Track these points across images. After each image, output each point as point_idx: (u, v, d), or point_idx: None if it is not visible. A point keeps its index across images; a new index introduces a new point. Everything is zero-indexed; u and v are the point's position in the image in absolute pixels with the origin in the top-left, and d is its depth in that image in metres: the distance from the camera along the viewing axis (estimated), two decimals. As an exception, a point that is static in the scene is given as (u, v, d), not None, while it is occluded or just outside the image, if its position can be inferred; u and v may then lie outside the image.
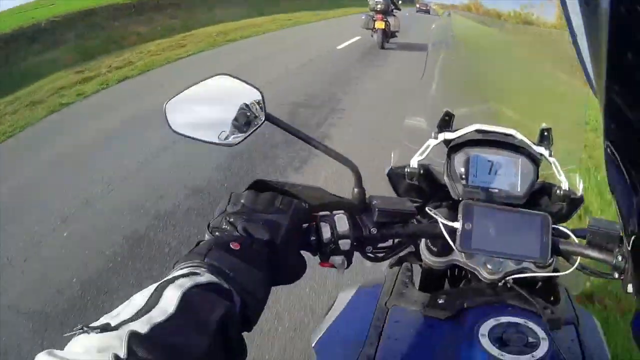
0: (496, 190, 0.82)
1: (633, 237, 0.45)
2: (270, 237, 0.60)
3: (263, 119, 0.69)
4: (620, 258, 0.73)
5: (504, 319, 0.67)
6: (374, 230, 0.71)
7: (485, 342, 0.63)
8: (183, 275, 0.49)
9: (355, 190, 0.72)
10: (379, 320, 0.76)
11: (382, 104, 5.34)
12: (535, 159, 0.83)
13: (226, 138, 0.71)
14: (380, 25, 9.63)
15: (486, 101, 0.97)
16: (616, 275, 0.75)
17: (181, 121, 0.74)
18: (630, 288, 0.73)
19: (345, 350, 0.75)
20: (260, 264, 0.57)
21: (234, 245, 0.56)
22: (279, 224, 0.62)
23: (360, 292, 0.86)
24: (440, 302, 0.74)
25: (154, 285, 0.47)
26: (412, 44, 10.10)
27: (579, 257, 0.77)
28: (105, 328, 0.39)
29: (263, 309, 0.57)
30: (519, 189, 0.82)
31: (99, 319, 0.42)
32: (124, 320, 0.41)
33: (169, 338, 0.41)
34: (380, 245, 0.75)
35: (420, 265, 0.86)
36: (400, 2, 11.73)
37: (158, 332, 0.40)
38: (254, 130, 0.70)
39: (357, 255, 0.75)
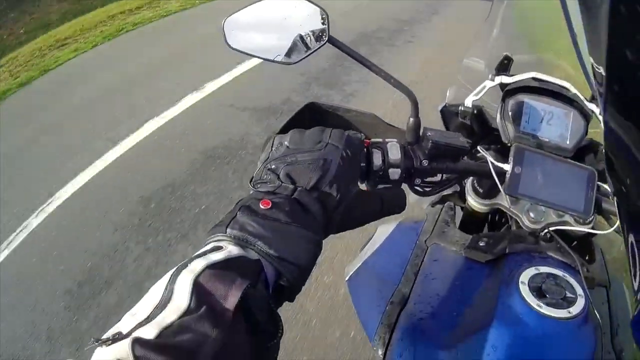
0: (546, 140, 0.81)
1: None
2: (317, 180, 0.52)
3: (325, 40, 0.69)
4: None
5: (544, 269, 0.67)
6: (425, 162, 0.70)
7: (525, 290, 0.63)
8: (198, 256, 0.43)
9: (411, 120, 0.71)
10: (418, 258, 0.76)
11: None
12: (586, 115, 0.82)
13: (286, 56, 0.71)
14: None
15: (549, 51, 0.95)
16: None
17: (240, 38, 0.74)
18: None
19: (380, 286, 0.75)
20: (301, 220, 0.49)
21: (264, 204, 0.48)
22: (329, 161, 0.54)
23: (401, 227, 0.86)
24: (481, 244, 0.75)
25: (169, 273, 0.41)
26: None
27: (618, 219, 0.77)
28: (116, 338, 0.36)
29: (310, 272, 0.49)
30: (568, 142, 0.81)
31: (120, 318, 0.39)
32: (136, 325, 0.37)
33: (179, 339, 0.36)
34: (428, 179, 0.75)
35: (462, 208, 0.86)
36: None
37: (168, 334, 0.37)
38: (315, 50, 0.69)
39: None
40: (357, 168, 0.61)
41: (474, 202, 0.81)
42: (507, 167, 0.71)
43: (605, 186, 0.79)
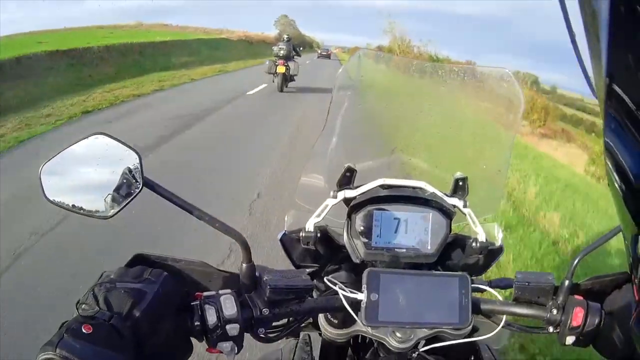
0: (403, 250, 0.75)
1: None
2: (131, 307, 0.56)
3: (140, 186, 0.63)
4: (555, 311, 0.71)
5: None
6: (265, 311, 0.64)
7: None
8: None
9: (244, 265, 0.65)
10: None
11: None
12: (447, 212, 0.78)
13: (104, 206, 0.65)
14: (281, 69, 10.88)
15: (396, 152, 0.91)
16: (551, 330, 0.72)
17: (58, 186, 0.67)
18: (569, 340, 0.70)
19: None
20: (116, 346, 0.53)
21: (86, 328, 0.53)
22: (143, 293, 0.58)
23: None
24: None
25: None
26: (311, 87, 12.17)
27: (504, 316, 0.72)
28: None
29: None
30: (429, 246, 0.76)
31: None
32: None
33: None
34: (274, 324, 0.68)
35: (320, 334, 0.78)
36: (301, 49, 13.96)
37: None
38: (131, 200, 0.63)
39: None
40: (172, 306, 0.62)
41: (330, 334, 0.74)
42: (361, 295, 0.66)
43: (484, 286, 0.76)
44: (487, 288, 0.75)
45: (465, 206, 0.78)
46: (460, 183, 0.79)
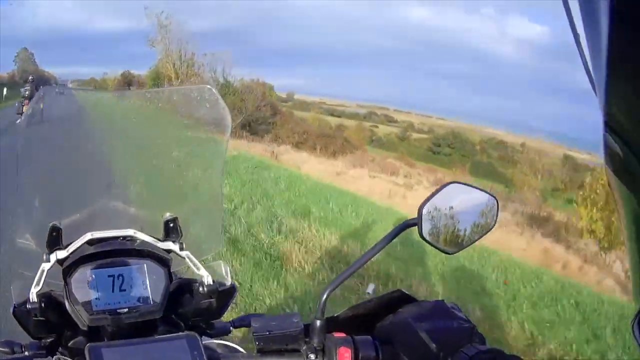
0: (125, 310, 0.69)
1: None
2: None
3: None
4: (312, 357, 0.67)
5: None
6: None
7: None
8: None
9: None
10: None
11: None
12: (163, 259, 0.73)
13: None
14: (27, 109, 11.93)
15: (102, 198, 0.81)
16: None
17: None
18: None
19: None
20: None
21: None
22: None
23: None
24: None
25: None
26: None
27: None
28: None
29: None
30: (151, 301, 0.70)
31: None
32: None
33: None
34: None
35: None
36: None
37: None
38: None
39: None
40: None
41: None
42: None
43: (213, 341, 0.73)
44: (222, 342, 0.73)
45: (182, 249, 0.74)
46: (172, 224, 0.75)
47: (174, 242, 0.74)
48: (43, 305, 0.69)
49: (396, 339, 0.65)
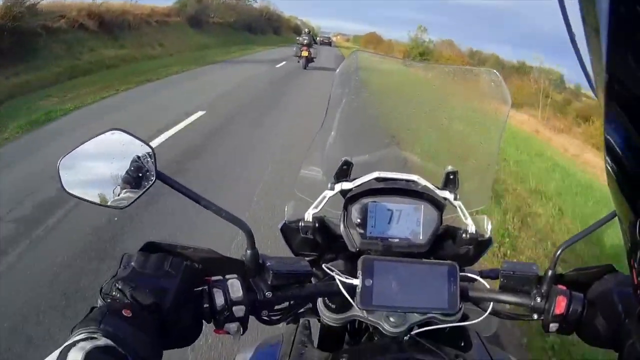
0: (396, 240, 0.79)
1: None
2: (157, 303, 0.62)
3: (154, 179, 0.67)
4: (539, 299, 0.74)
5: None
6: (269, 294, 0.68)
7: None
8: (83, 339, 0.51)
9: (248, 252, 0.70)
10: None
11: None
12: (439, 204, 0.81)
13: (119, 197, 0.69)
14: (305, 53, 15.59)
15: (392, 146, 0.95)
16: (535, 317, 0.75)
17: (75, 179, 0.71)
18: (552, 327, 0.74)
19: None
20: (150, 330, 0.59)
21: (126, 312, 0.58)
22: (167, 289, 0.63)
23: (258, 354, 0.82)
24: None
25: (57, 352, 0.49)
26: (323, 67, 16.20)
27: (491, 303, 0.77)
28: None
29: None
30: (421, 237, 0.80)
31: None
32: None
33: None
34: (276, 307, 0.72)
35: (319, 320, 0.83)
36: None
37: None
38: (145, 191, 0.68)
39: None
40: (193, 299, 0.66)
41: (328, 318, 0.78)
42: (356, 281, 0.70)
43: (471, 274, 0.79)
44: (475, 277, 0.78)
45: (456, 199, 0.82)
46: (451, 177, 0.82)
47: (450, 192, 0.81)
48: (316, 225, 0.82)
49: (599, 303, 0.72)
